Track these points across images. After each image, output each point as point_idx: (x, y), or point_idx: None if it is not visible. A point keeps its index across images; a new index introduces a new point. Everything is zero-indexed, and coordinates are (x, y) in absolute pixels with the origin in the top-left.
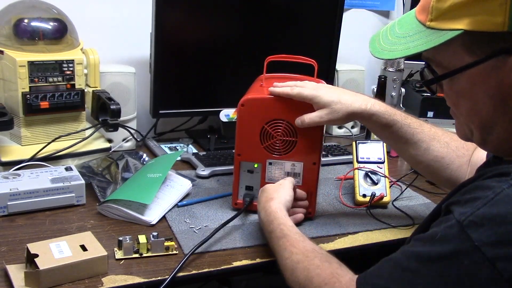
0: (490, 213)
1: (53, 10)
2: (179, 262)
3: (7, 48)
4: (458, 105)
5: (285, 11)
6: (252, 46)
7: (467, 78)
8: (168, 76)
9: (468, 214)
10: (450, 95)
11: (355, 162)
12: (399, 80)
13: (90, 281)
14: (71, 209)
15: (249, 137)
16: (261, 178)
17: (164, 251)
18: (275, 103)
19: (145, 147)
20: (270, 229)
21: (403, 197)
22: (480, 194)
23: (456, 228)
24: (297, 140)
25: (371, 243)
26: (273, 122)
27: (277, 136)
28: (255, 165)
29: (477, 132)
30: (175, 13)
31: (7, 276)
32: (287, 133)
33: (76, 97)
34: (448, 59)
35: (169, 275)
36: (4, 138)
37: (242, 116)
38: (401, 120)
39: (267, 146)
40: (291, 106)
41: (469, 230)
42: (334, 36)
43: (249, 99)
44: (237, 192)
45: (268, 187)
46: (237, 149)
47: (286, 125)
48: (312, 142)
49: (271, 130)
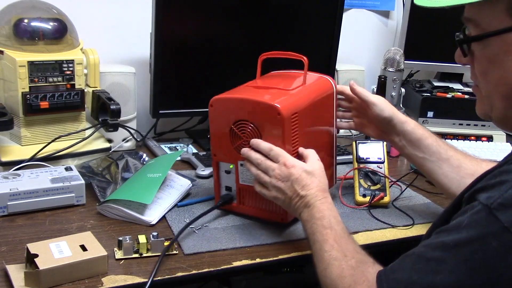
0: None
1: (53, 10)
2: (179, 262)
3: (7, 48)
4: (486, 73)
5: (285, 11)
6: (252, 45)
7: (502, 43)
8: (168, 76)
9: (496, 197)
10: (481, 62)
11: (355, 162)
12: (399, 80)
13: (90, 281)
14: (71, 209)
15: (221, 138)
16: (236, 179)
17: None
18: (240, 104)
19: (145, 147)
20: (320, 216)
21: (403, 197)
22: (506, 177)
23: (484, 212)
24: None
25: (371, 243)
26: (240, 123)
27: (244, 137)
28: (231, 166)
29: (501, 104)
30: (175, 13)
31: (7, 276)
32: (252, 134)
33: (76, 97)
34: (488, 20)
35: (169, 275)
36: (4, 138)
37: (212, 116)
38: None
39: (237, 147)
40: (253, 107)
41: (497, 213)
42: (334, 36)
43: (216, 99)
44: (218, 192)
45: (316, 171)
46: (212, 149)
47: (251, 126)
48: (277, 142)
49: (238, 131)
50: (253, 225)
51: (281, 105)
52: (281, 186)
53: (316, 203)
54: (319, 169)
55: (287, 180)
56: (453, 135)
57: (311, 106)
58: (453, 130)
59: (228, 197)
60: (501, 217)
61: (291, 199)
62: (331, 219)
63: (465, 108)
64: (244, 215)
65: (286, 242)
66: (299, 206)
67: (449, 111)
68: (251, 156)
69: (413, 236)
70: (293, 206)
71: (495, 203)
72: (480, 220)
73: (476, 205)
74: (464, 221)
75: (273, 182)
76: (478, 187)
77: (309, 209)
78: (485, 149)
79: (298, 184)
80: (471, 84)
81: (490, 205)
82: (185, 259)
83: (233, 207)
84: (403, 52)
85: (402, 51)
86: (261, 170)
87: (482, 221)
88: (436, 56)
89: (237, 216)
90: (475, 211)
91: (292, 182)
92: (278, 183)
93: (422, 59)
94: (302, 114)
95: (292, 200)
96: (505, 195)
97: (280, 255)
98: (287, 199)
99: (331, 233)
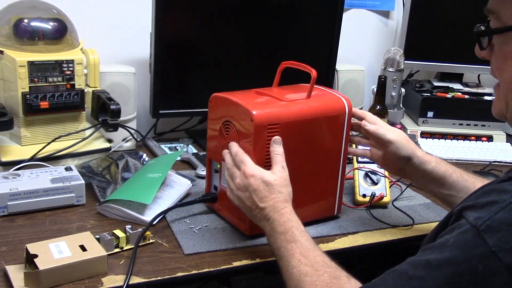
0: (508, 218)
1: (53, 10)
2: (179, 262)
3: (7, 48)
4: (503, 69)
5: (285, 11)
6: (252, 46)
7: None
8: (168, 76)
9: (485, 219)
10: (498, 58)
11: (355, 162)
12: (399, 80)
13: (90, 281)
14: (71, 209)
15: (213, 135)
16: (219, 180)
17: (142, 241)
18: (228, 104)
19: (145, 147)
20: (282, 230)
21: (403, 197)
22: (496, 198)
23: (472, 233)
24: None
25: (371, 243)
26: (226, 123)
27: (227, 138)
28: (218, 165)
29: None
30: (175, 13)
31: (6, 276)
32: (233, 136)
33: (76, 97)
34: (509, 14)
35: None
36: (4, 138)
37: (209, 112)
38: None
39: (222, 147)
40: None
41: (485, 235)
42: (334, 36)
43: (214, 96)
44: (208, 190)
45: (275, 182)
46: (207, 145)
47: (234, 128)
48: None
49: (224, 131)
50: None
51: (258, 113)
52: (241, 196)
53: (275, 216)
54: (281, 178)
55: (245, 190)
56: (453, 135)
57: (305, 122)
58: (453, 130)
59: (212, 195)
60: (489, 240)
61: (251, 210)
62: (294, 231)
63: (465, 108)
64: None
65: None
66: (259, 218)
67: (449, 111)
68: (225, 159)
69: (413, 236)
70: (253, 217)
71: (483, 225)
72: (467, 242)
73: (464, 224)
74: (450, 240)
75: (234, 191)
76: (467, 204)
77: (269, 222)
78: (485, 149)
79: (256, 196)
80: (471, 84)
81: (478, 226)
82: (185, 259)
83: (215, 207)
84: (403, 52)
85: (402, 51)
86: (229, 176)
87: (469, 242)
88: (436, 56)
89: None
90: (463, 230)
91: (250, 193)
92: (238, 192)
93: (422, 59)
94: (289, 128)
95: (253, 211)
96: (495, 217)
97: None
98: (248, 209)
99: (296, 247)
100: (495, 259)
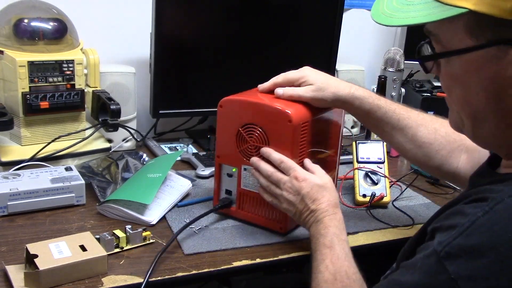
0: (465, 245)
1: (53, 10)
2: (179, 262)
3: (7, 48)
4: (450, 91)
5: (285, 11)
6: (252, 46)
7: (463, 63)
8: (168, 76)
9: (445, 244)
10: (444, 78)
11: (355, 162)
12: (399, 80)
13: (90, 281)
14: (71, 209)
15: (227, 140)
16: (237, 183)
17: (142, 241)
18: (252, 107)
19: (145, 147)
20: (323, 233)
21: (403, 197)
22: (458, 221)
23: (434, 258)
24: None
25: (371, 243)
26: (248, 126)
27: (251, 142)
28: (233, 169)
29: (468, 123)
30: (175, 13)
31: (6, 276)
32: (259, 139)
33: (76, 97)
34: (448, 37)
35: (169, 275)
36: (4, 138)
37: (220, 118)
38: (385, 106)
39: (242, 151)
40: (264, 111)
41: (446, 262)
42: (334, 36)
43: (226, 100)
44: (217, 196)
45: (327, 185)
46: (217, 150)
47: (259, 130)
48: (284, 150)
49: (245, 135)
50: (253, 226)
51: (293, 112)
52: (292, 200)
53: (324, 219)
54: (329, 182)
55: (297, 194)
56: None
57: (320, 119)
58: None
59: (227, 201)
60: (449, 267)
61: (301, 213)
62: (333, 238)
63: None
64: (242, 220)
65: (286, 242)
66: (308, 220)
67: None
68: (261, 167)
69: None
70: (303, 220)
71: (443, 251)
72: (430, 267)
73: (430, 246)
74: (418, 262)
75: (284, 195)
76: (436, 225)
77: (317, 224)
78: None
79: (309, 198)
80: None
81: (439, 252)
82: (185, 259)
83: (231, 211)
84: (403, 52)
85: (402, 51)
86: (271, 182)
87: (431, 268)
88: None
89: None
90: (427, 254)
91: (303, 196)
92: (289, 196)
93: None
94: (312, 125)
95: (302, 214)
96: (453, 243)
97: (280, 255)
98: (298, 212)
99: (330, 253)
100: (455, 286)
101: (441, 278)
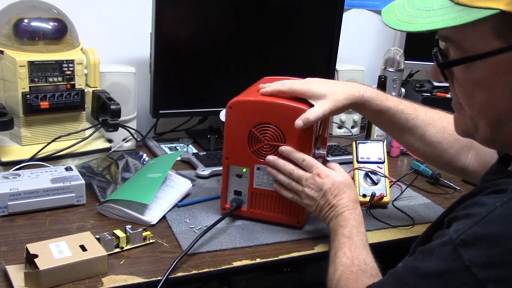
0: (482, 233)
1: (53, 10)
2: (179, 262)
3: (7, 48)
4: (471, 97)
5: (285, 11)
6: (252, 46)
7: (490, 66)
8: (168, 76)
9: (460, 232)
10: (463, 84)
11: (355, 162)
12: (399, 80)
13: (90, 281)
14: (71, 209)
15: (237, 141)
16: (249, 183)
17: (142, 241)
18: (263, 106)
19: (145, 147)
20: (343, 224)
21: (403, 197)
22: (475, 210)
23: (449, 246)
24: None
25: (371, 243)
26: (261, 126)
27: (265, 141)
28: (244, 170)
29: (487, 128)
30: (175, 13)
31: (7, 276)
32: (275, 137)
33: (76, 97)
34: (472, 41)
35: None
36: (4, 138)
37: (230, 119)
38: (394, 106)
39: (255, 151)
40: (279, 110)
41: (460, 249)
42: (334, 36)
43: (236, 101)
44: (225, 197)
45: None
46: (225, 152)
47: (274, 129)
48: (301, 147)
49: (259, 134)
50: (253, 226)
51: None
52: (314, 195)
53: (344, 213)
54: (349, 179)
55: (320, 190)
56: None
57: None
58: None
59: (238, 202)
60: (463, 254)
61: (322, 208)
62: (352, 229)
63: None
64: (253, 219)
65: (286, 242)
66: (329, 215)
67: (449, 111)
68: (280, 164)
69: (413, 236)
70: (323, 214)
71: (458, 239)
72: (446, 254)
73: (446, 233)
74: (436, 248)
75: (306, 191)
76: (453, 215)
77: (337, 218)
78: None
79: (330, 194)
80: None
81: (455, 239)
82: (185, 259)
83: (242, 211)
84: (403, 52)
85: (402, 51)
86: (292, 179)
87: (448, 255)
88: None
89: (237, 217)
90: (444, 241)
91: (325, 192)
92: (311, 192)
93: (422, 59)
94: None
95: (323, 209)
96: (469, 232)
97: (280, 255)
98: (319, 207)
99: (348, 242)
100: (469, 274)
101: (456, 265)
